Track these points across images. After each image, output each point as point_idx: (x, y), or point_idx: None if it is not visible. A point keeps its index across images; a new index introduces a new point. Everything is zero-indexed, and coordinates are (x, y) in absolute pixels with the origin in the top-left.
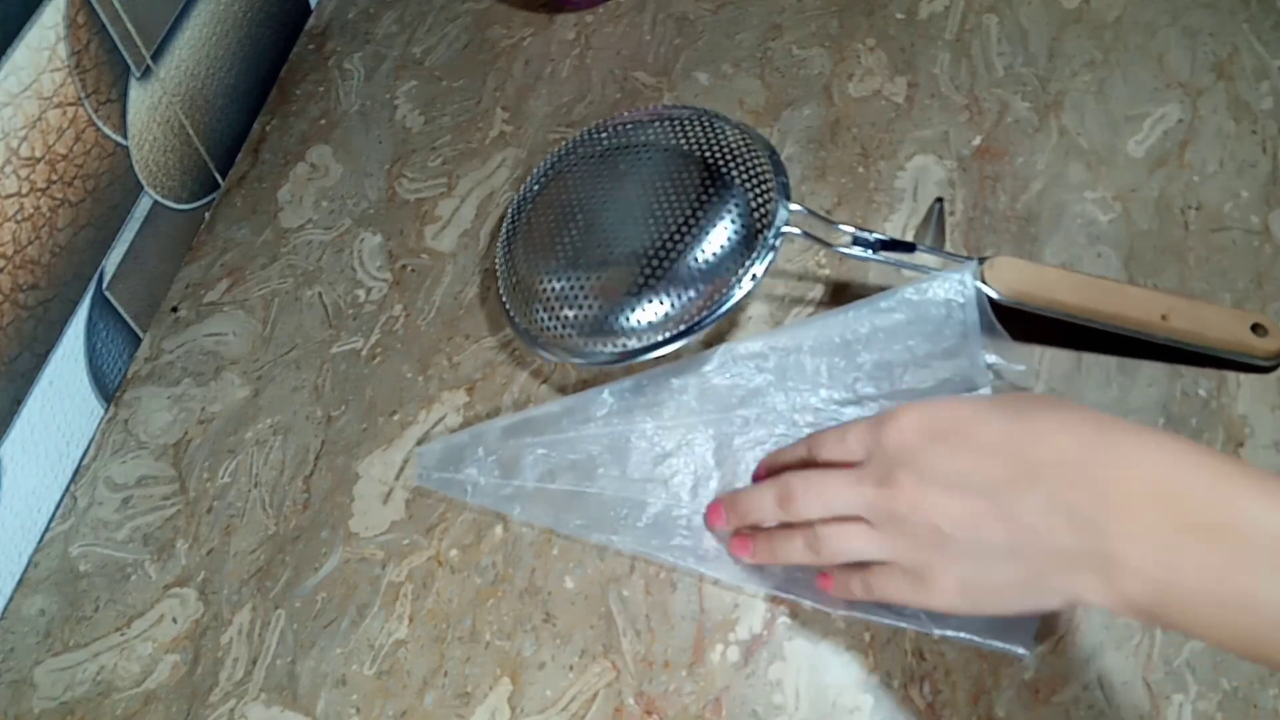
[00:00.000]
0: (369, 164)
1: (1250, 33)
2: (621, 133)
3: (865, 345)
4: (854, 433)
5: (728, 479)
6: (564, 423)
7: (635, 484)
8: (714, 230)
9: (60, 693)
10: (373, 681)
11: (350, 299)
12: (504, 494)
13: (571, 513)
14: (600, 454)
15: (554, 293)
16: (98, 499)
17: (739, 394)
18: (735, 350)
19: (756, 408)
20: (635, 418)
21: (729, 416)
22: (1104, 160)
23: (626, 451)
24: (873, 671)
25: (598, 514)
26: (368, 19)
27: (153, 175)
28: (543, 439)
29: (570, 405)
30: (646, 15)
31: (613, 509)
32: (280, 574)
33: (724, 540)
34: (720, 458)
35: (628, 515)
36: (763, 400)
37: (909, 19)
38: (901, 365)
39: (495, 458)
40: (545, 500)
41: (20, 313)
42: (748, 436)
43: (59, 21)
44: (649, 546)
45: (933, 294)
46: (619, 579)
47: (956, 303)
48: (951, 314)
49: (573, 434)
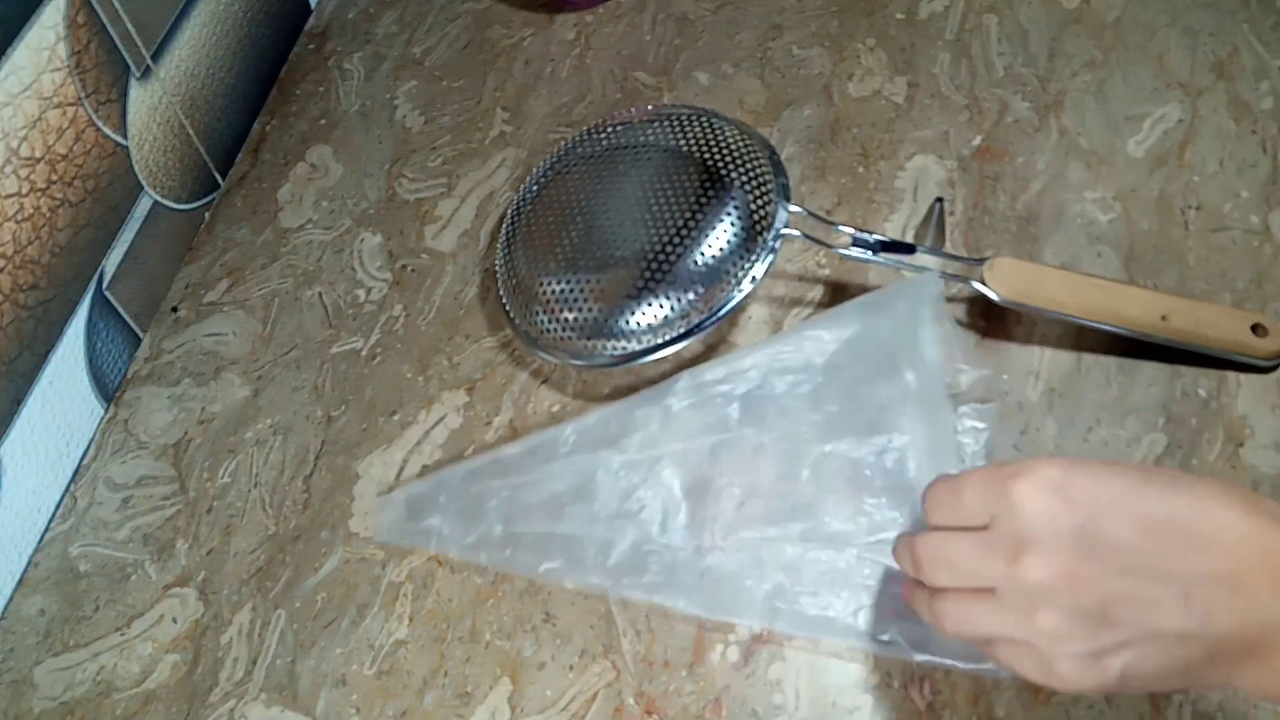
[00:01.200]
0: (369, 164)
1: (1250, 33)
2: (621, 133)
3: (828, 360)
4: (970, 490)
5: (696, 510)
6: (527, 463)
7: (603, 521)
8: (714, 232)
9: (60, 693)
10: (373, 681)
11: (350, 299)
12: (468, 542)
13: (540, 556)
14: (565, 492)
15: (554, 294)
16: (98, 499)
17: (705, 421)
18: (700, 377)
19: (723, 434)
20: (600, 453)
21: (695, 446)
22: (1104, 160)
23: (593, 488)
24: (872, 671)
25: (566, 555)
26: (368, 19)
27: (153, 175)
28: (506, 481)
29: (533, 445)
30: (646, 15)
31: (580, 549)
32: (280, 574)
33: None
34: (688, 488)
35: (597, 554)
36: (728, 427)
37: (909, 19)
38: (866, 380)
39: (458, 505)
40: (513, 545)
41: (20, 313)
42: (716, 466)
43: (59, 21)
44: (621, 585)
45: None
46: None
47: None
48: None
49: (536, 475)
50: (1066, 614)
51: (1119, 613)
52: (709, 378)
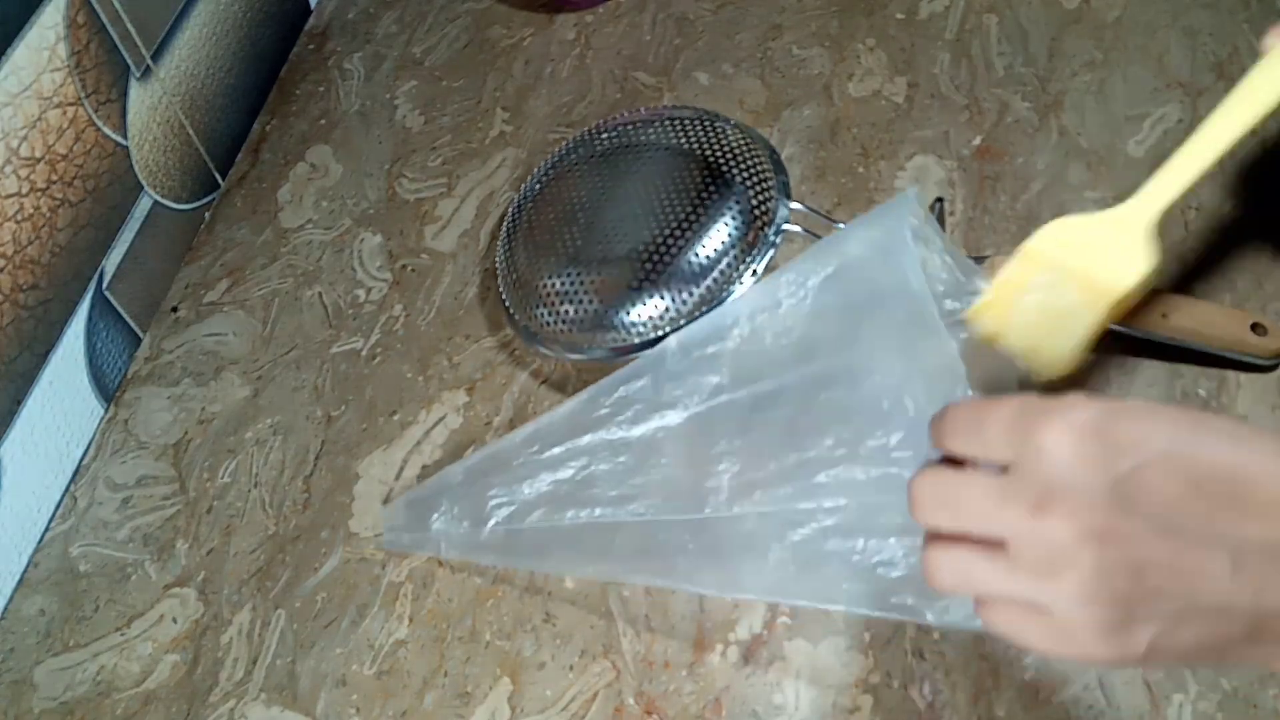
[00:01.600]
0: (369, 164)
1: (1250, 33)
2: (622, 133)
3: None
4: (994, 422)
5: (697, 483)
6: (524, 454)
7: (605, 508)
8: (714, 227)
9: (60, 693)
10: (373, 682)
11: (350, 299)
12: (477, 543)
13: (547, 550)
14: (564, 482)
15: (555, 290)
16: (98, 499)
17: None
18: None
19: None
20: (595, 436)
21: (689, 415)
22: (1104, 160)
23: (591, 475)
24: (873, 671)
25: (575, 545)
26: (368, 19)
27: (153, 175)
28: (506, 475)
29: (527, 435)
30: (646, 15)
31: (590, 536)
32: (280, 574)
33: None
34: (686, 461)
35: (603, 542)
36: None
37: (909, 19)
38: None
39: (460, 506)
40: (519, 543)
41: (20, 313)
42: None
43: (59, 21)
44: (631, 571)
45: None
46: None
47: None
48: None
49: (534, 467)
50: (1093, 577)
51: (1155, 579)
52: (695, 338)
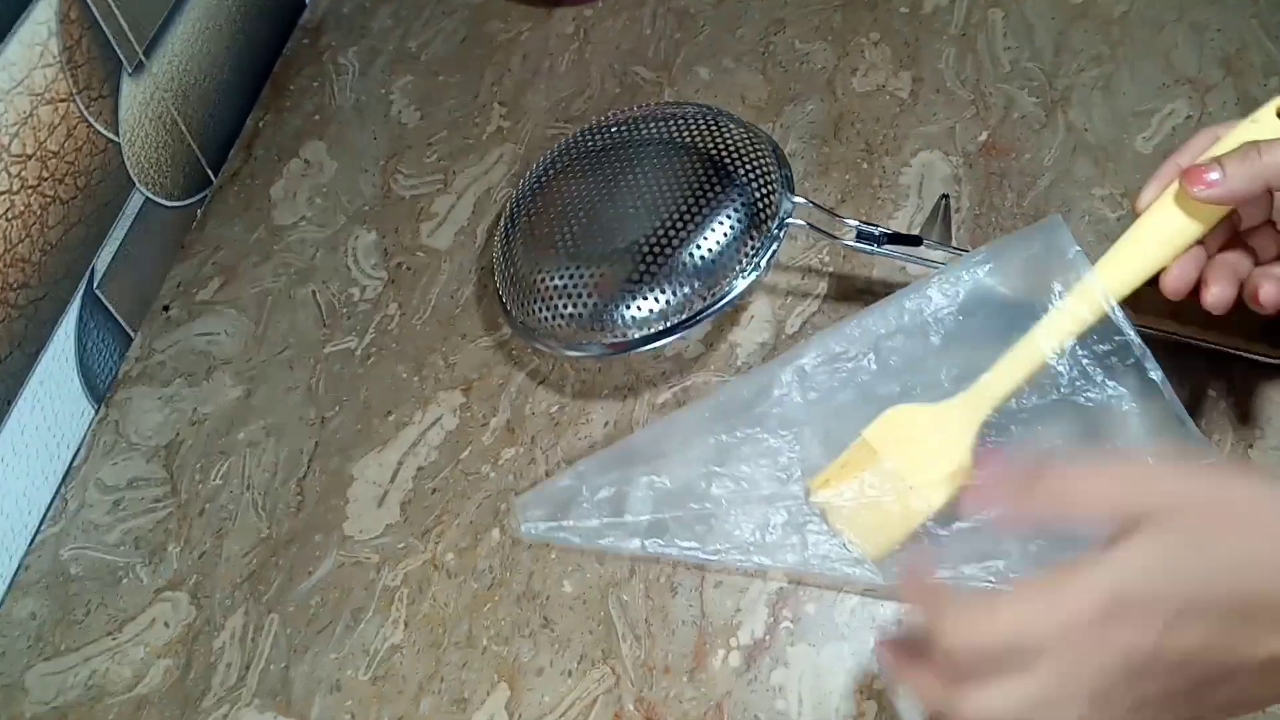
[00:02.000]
0: (364, 160)
1: (1259, 28)
2: (621, 128)
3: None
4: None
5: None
6: (663, 446)
7: (755, 498)
8: (717, 222)
9: (52, 697)
10: (368, 687)
11: (344, 298)
12: (619, 532)
13: (695, 540)
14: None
15: (553, 287)
16: (88, 501)
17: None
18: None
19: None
20: (738, 428)
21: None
22: (1111, 156)
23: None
24: (877, 678)
25: (722, 536)
26: (363, 13)
27: (144, 172)
28: (648, 465)
29: (669, 425)
30: (646, 9)
31: (737, 528)
32: (273, 578)
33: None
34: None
35: (755, 531)
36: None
37: (913, 13)
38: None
39: (600, 496)
40: (663, 532)
41: (10, 312)
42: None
43: (51, 17)
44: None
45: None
46: (618, 583)
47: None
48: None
49: (675, 458)
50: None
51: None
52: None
